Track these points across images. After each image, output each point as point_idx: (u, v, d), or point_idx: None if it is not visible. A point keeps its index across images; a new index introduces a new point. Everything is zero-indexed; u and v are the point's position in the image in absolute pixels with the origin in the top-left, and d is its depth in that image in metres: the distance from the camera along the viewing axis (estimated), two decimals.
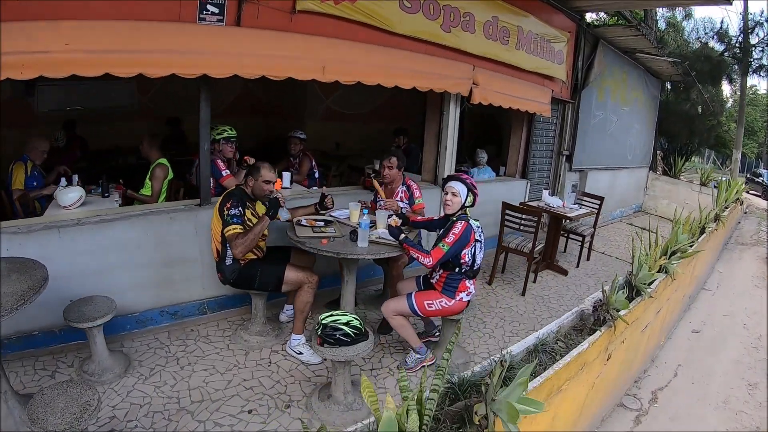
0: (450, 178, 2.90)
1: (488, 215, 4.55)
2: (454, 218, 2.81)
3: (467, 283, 2.84)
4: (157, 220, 3.03)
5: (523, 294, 4.34)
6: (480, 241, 2.82)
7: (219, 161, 3.64)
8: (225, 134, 3.66)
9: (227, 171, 3.63)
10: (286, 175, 4.10)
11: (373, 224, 3.05)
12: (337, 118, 7.57)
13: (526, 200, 5.56)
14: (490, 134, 7.30)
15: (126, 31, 2.49)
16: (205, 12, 2.74)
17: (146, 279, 3.07)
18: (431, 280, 2.95)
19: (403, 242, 2.80)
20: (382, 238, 2.92)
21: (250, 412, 2.49)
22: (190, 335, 3.15)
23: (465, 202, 2.80)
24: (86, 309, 2.60)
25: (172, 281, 3.16)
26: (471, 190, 2.82)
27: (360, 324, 2.40)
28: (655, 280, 2.82)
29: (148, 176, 3.63)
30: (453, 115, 4.43)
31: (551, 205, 4.78)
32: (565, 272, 4.96)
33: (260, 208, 3.03)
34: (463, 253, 2.75)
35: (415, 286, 3.08)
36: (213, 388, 2.65)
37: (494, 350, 3.33)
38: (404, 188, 3.55)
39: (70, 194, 3.08)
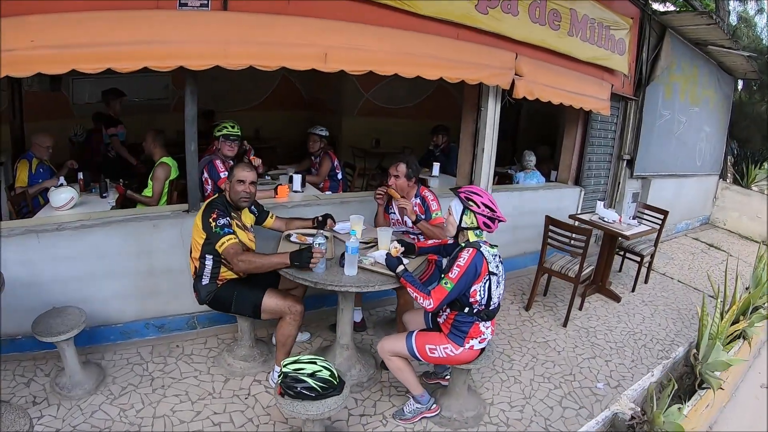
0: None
1: (532, 228, 4.01)
2: (461, 245, 2.35)
3: (481, 326, 2.37)
4: (139, 227, 2.91)
5: (564, 325, 3.78)
6: (497, 274, 2.32)
7: (218, 161, 3.48)
8: (224, 131, 3.46)
9: (225, 173, 3.43)
10: (297, 178, 3.84)
11: (375, 244, 2.70)
12: (377, 113, 7.32)
13: (579, 212, 4.94)
14: (550, 135, 6.60)
15: (94, 22, 2.35)
16: None
17: (130, 289, 2.98)
18: (438, 319, 2.50)
19: (401, 276, 2.35)
20: (379, 263, 2.51)
21: None
22: (174, 352, 3.02)
23: (461, 221, 2.33)
24: (55, 321, 2.53)
25: (158, 292, 3.05)
26: (464, 203, 2.31)
27: (330, 375, 2.05)
28: (731, 365, 2.09)
29: (150, 176, 3.55)
30: (492, 111, 3.92)
31: (606, 219, 4.12)
32: (617, 298, 4.32)
33: (247, 218, 2.79)
34: (473, 289, 2.27)
35: (422, 322, 2.67)
36: (179, 419, 2.48)
37: (517, 400, 2.86)
38: (418, 200, 3.12)
39: (62, 195, 3.06)
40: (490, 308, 2.34)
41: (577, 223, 3.87)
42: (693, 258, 6.06)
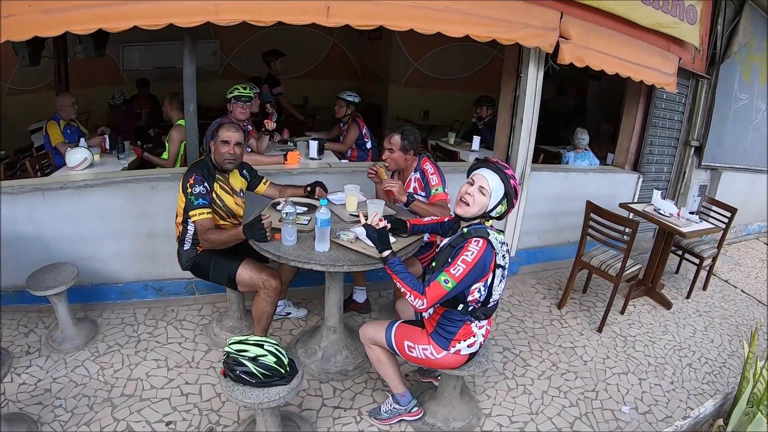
0: (482, 163, 2.02)
1: (577, 215, 3.55)
2: (464, 230, 1.98)
3: (473, 327, 2.04)
4: (137, 189, 2.99)
5: (599, 330, 3.33)
6: (503, 267, 1.98)
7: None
8: (236, 92, 3.43)
9: None
10: (313, 144, 3.73)
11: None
12: (426, 83, 7.05)
13: (635, 200, 4.34)
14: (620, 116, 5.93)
15: None
16: None
17: (129, 250, 3.10)
18: (423, 313, 2.19)
19: (386, 263, 2.01)
20: (361, 241, 2.28)
21: (168, 424, 2.30)
22: (167, 316, 3.10)
23: (493, 208, 1.97)
24: (48, 277, 2.68)
25: (157, 255, 3.13)
26: (510, 193, 1.95)
27: (276, 363, 1.89)
28: None
29: (167, 138, 3.64)
30: (533, 78, 3.48)
31: (662, 211, 3.52)
32: (668, 304, 3.75)
33: (236, 181, 2.71)
34: (474, 287, 1.94)
35: (413, 313, 2.42)
36: (150, 384, 2.53)
37: (520, 414, 2.54)
38: (417, 174, 2.84)
39: (76, 155, 3.22)
40: (489, 305, 2.02)
41: (631, 215, 3.33)
42: (763, 266, 5.16)
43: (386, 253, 2.03)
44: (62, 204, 2.88)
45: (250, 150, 3.72)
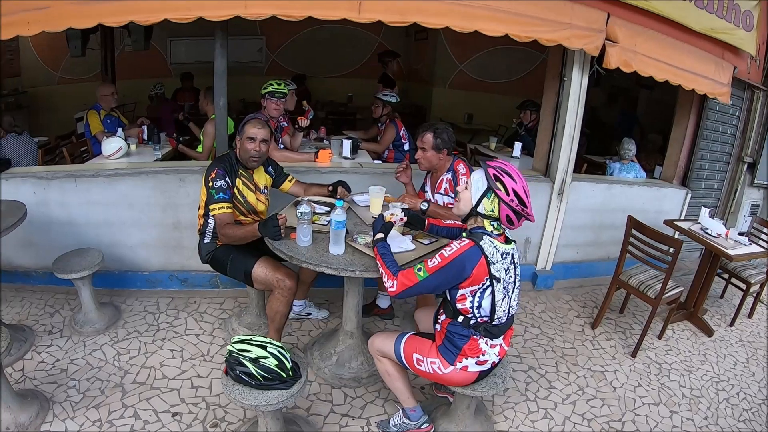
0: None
1: (614, 228, 3.38)
2: (464, 233, 1.93)
3: (481, 344, 1.93)
4: (166, 180, 3.06)
5: (633, 355, 3.11)
6: (501, 280, 1.85)
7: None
8: (269, 88, 3.44)
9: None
10: (346, 143, 3.70)
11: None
12: (471, 86, 6.92)
13: (682, 217, 4.07)
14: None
15: None
16: None
17: (155, 239, 3.18)
18: (435, 325, 2.11)
19: (375, 245, 2.04)
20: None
21: (174, 415, 2.32)
22: (189, 307, 3.15)
23: (478, 203, 1.87)
24: (74, 261, 2.78)
25: (182, 246, 3.20)
26: (496, 191, 1.82)
27: (278, 366, 1.85)
28: None
29: (201, 132, 3.71)
30: (577, 83, 3.30)
31: (709, 231, 3.24)
32: (709, 331, 3.46)
33: (261, 178, 2.71)
34: (460, 294, 1.86)
35: (431, 326, 2.29)
36: (163, 374, 2.57)
37: None
38: (449, 175, 2.74)
39: (111, 144, 3.36)
40: (494, 323, 1.91)
41: (677, 234, 3.08)
42: None
43: (380, 236, 2.08)
44: (93, 191, 3.00)
45: (283, 146, 3.74)
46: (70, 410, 2.26)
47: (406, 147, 4.36)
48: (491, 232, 1.87)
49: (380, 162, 4.03)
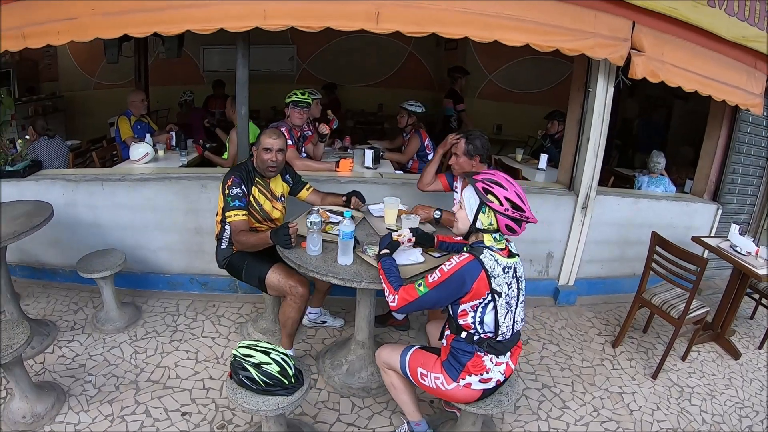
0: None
1: (640, 244, 3.26)
2: (465, 248, 1.92)
3: (485, 361, 1.89)
4: (189, 186, 3.17)
5: (654, 376, 2.98)
6: (500, 294, 1.81)
7: (285, 129, 3.54)
8: (293, 98, 3.51)
9: (291, 141, 3.49)
10: (369, 153, 3.73)
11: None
12: (501, 96, 6.89)
13: (712, 234, 3.88)
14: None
15: None
16: None
17: (177, 243, 3.29)
18: (441, 339, 2.10)
19: (380, 259, 2.05)
20: None
21: (183, 414, 2.39)
22: (208, 310, 3.24)
23: (475, 219, 1.87)
24: (97, 261, 2.91)
25: (204, 251, 3.29)
26: (489, 204, 1.81)
27: (280, 372, 1.89)
28: None
29: (227, 139, 3.82)
30: (602, 93, 3.22)
31: (738, 249, 3.09)
32: (736, 354, 3.28)
33: (278, 186, 2.76)
34: (461, 309, 1.84)
35: (436, 336, 2.29)
36: (176, 374, 2.65)
37: None
38: None
39: (139, 149, 3.51)
40: (499, 338, 1.88)
41: (706, 253, 2.94)
42: None
43: (385, 251, 2.08)
44: (118, 194, 3.14)
45: (305, 155, 3.80)
46: (84, 403, 2.36)
47: (430, 157, 4.35)
48: (491, 246, 1.85)
49: (401, 172, 4.04)
